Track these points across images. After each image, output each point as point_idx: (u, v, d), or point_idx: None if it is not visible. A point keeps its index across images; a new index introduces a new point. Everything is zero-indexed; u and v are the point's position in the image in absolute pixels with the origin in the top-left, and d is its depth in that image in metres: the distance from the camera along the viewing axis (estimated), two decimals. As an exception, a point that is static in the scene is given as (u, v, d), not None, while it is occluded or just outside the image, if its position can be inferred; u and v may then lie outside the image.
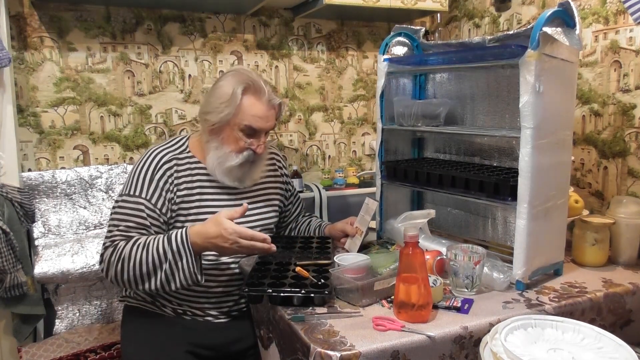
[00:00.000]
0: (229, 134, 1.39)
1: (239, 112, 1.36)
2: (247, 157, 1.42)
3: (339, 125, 2.69)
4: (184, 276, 1.28)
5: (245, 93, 1.37)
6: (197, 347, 1.42)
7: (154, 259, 1.27)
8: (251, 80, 1.38)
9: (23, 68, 2.05)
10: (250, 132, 1.39)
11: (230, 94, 1.36)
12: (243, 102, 1.36)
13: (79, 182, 2.02)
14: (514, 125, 1.49)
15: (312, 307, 1.16)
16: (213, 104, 1.39)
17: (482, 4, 2.34)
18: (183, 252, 1.26)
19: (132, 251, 1.28)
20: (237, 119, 1.37)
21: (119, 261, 1.28)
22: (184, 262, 1.27)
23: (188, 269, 1.27)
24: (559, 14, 1.27)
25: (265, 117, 1.39)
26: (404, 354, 1.00)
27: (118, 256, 1.28)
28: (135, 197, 1.37)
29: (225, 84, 1.39)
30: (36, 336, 1.90)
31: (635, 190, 1.68)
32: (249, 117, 1.37)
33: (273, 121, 1.43)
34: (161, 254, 1.27)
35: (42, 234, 1.93)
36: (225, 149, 1.40)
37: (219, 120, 1.38)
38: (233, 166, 1.41)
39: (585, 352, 0.93)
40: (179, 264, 1.27)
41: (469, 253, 1.25)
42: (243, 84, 1.37)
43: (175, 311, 1.45)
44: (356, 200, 2.37)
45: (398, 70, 1.67)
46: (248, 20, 2.41)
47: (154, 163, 1.41)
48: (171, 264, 1.27)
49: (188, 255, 1.26)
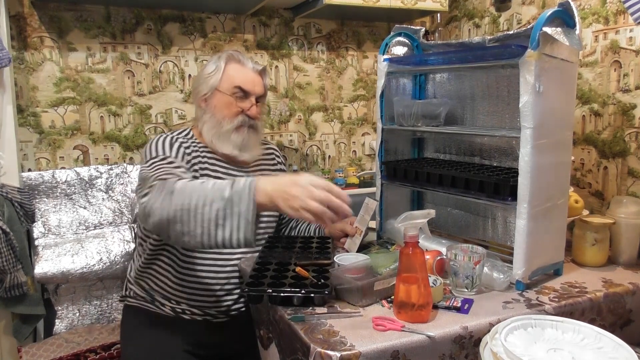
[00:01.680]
0: (220, 100, 1.46)
1: (226, 76, 1.47)
2: (242, 121, 1.47)
3: (339, 125, 2.69)
4: (237, 225, 1.07)
5: (229, 62, 1.49)
6: (196, 347, 1.42)
7: (206, 194, 1.08)
8: (232, 52, 1.51)
9: (23, 68, 2.05)
10: (240, 95, 1.46)
11: (215, 65, 1.48)
12: (228, 68, 1.48)
13: (79, 182, 2.02)
14: (514, 125, 1.49)
15: (312, 307, 1.16)
16: (202, 77, 1.50)
17: (482, 4, 2.34)
18: (245, 194, 1.07)
19: (186, 185, 1.13)
20: (226, 82, 1.46)
21: (167, 193, 1.12)
22: (243, 206, 1.06)
23: (245, 216, 1.06)
24: (559, 14, 1.27)
25: (252, 80, 1.48)
26: (404, 354, 1.00)
27: (168, 189, 1.13)
28: (162, 156, 1.37)
29: (211, 61, 1.52)
30: (36, 336, 1.90)
31: (635, 190, 1.68)
32: (236, 79, 1.46)
33: (262, 87, 1.52)
34: (216, 190, 1.09)
35: (42, 234, 1.93)
36: (219, 115, 1.46)
37: (209, 88, 1.47)
38: (229, 130, 1.45)
39: (585, 352, 0.93)
40: (235, 208, 1.06)
41: (469, 253, 1.25)
42: (225, 55, 1.50)
43: (174, 310, 1.45)
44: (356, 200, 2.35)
45: (398, 70, 1.67)
46: (248, 20, 2.41)
47: (167, 139, 1.44)
48: (227, 203, 1.07)
49: (250, 200, 1.07)
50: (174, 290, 1.44)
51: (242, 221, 1.07)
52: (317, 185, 1.08)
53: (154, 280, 1.46)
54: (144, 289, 1.48)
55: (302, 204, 1.06)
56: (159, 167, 1.30)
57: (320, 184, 1.09)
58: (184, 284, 1.44)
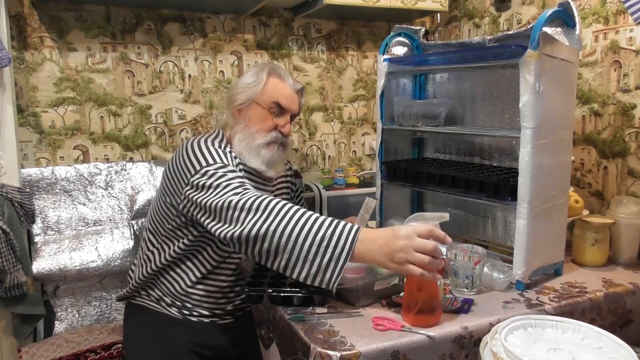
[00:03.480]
0: (256, 113, 1.42)
1: (266, 90, 1.43)
2: (275, 138, 1.43)
3: (339, 125, 2.69)
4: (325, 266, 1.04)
5: (271, 75, 1.45)
6: (201, 348, 1.42)
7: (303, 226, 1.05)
8: (275, 66, 1.48)
9: (23, 68, 2.05)
10: (277, 111, 1.43)
11: (256, 77, 1.44)
12: (269, 81, 1.44)
13: (79, 179, 2.02)
14: (514, 125, 1.49)
15: (312, 307, 1.16)
16: (240, 86, 1.45)
17: (482, 4, 2.34)
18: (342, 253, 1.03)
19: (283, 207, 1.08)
20: (265, 96, 1.43)
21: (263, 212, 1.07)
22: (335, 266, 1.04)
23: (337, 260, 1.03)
24: (559, 14, 1.27)
25: (291, 98, 1.46)
26: (403, 353, 1.00)
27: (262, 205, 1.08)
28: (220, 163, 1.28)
29: (250, 72, 1.48)
30: (36, 336, 1.90)
31: (635, 190, 1.68)
32: (276, 94, 1.43)
33: (297, 105, 1.49)
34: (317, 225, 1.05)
35: (41, 230, 1.92)
36: (252, 128, 1.41)
37: (247, 99, 1.43)
38: (261, 145, 1.41)
39: (585, 352, 0.93)
40: (331, 264, 1.03)
41: (469, 253, 1.25)
42: (267, 68, 1.46)
43: (181, 312, 1.44)
44: (356, 200, 2.37)
45: (398, 70, 1.67)
46: (248, 20, 2.41)
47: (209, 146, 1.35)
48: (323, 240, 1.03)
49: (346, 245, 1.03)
50: (186, 293, 1.43)
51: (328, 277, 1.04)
52: (420, 233, 1.02)
53: (165, 284, 1.44)
54: (151, 291, 1.47)
55: (408, 257, 1.00)
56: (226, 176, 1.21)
57: (422, 232, 1.02)
58: (199, 287, 1.42)
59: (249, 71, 1.48)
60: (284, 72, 1.48)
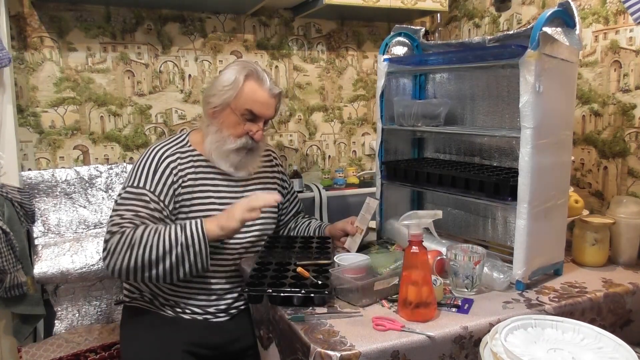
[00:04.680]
0: (229, 117, 1.43)
1: (241, 96, 1.42)
2: (245, 144, 1.45)
3: (339, 125, 2.69)
4: (194, 262, 1.31)
5: (248, 79, 1.43)
6: (196, 347, 1.42)
7: (164, 244, 1.27)
8: (254, 68, 1.45)
9: (23, 68, 2.05)
10: (250, 117, 1.44)
11: (233, 79, 1.42)
12: (245, 86, 1.42)
13: (79, 182, 2.02)
14: (514, 125, 1.49)
15: (312, 307, 1.16)
16: (216, 87, 1.44)
17: (482, 4, 2.34)
18: (196, 238, 1.29)
19: (144, 236, 1.28)
20: (239, 102, 1.42)
21: (128, 247, 1.27)
22: (196, 247, 1.29)
23: (200, 254, 1.30)
24: (559, 14, 1.27)
25: (267, 104, 1.45)
26: (403, 354, 1.00)
27: (126, 241, 1.27)
28: (140, 188, 1.38)
29: (229, 71, 1.45)
30: (36, 336, 1.90)
31: (635, 190, 1.68)
32: (250, 102, 1.42)
33: (273, 110, 1.49)
34: (173, 239, 1.28)
35: (42, 233, 1.93)
36: (224, 133, 1.44)
37: (221, 103, 1.43)
38: (230, 150, 1.44)
39: (585, 352, 0.93)
40: (190, 249, 1.29)
41: (469, 253, 1.25)
42: (246, 71, 1.44)
43: (174, 310, 1.45)
44: (356, 200, 2.37)
45: (398, 70, 1.67)
46: (248, 20, 2.41)
47: (157, 157, 1.43)
48: (182, 248, 1.28)
49: (201, 241, 1.30)
50: (175, 290, 1.44)
51: (198, 258, 1.30)
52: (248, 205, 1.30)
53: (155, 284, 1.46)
54: (144, 292, 1.48)
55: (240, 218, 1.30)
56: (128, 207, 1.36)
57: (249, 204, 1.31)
58: (185, 283, 1.44)
59: (228, 69, 1.46)
60: (263, 74, 1.45)
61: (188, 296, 1.45)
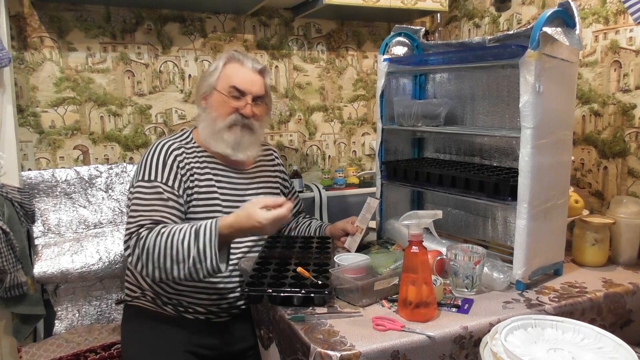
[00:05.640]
0: (216, 99, 1.48)
1: (223, 76, 1.48)
2: (235, 120, 1.47)
3: (339, 125, 2.69)
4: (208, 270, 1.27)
5: (229, 61, 1.51)
6: (197, 347, 1.42)
7: (177, 253, 1.25)
8: (234, 53, 1.53)
9: (23, 68, 2.05)
10: (236, 94, 1.47)
11: (215, 65, 1.51)
12: (226, 67, 1.50)
13: (79, 181, 2.02)
14: (514, 125, 1.49)
15: (312, 307, 1.16)
16: (203, 77, 1.54)
17: (482, 4, 2.34)
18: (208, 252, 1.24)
19: (157, 242, 1.26)
20: (223, 81, 1.48)
21: (142, 252, 1.27)
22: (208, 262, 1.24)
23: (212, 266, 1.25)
24: (559, 14, 1.27)
25: (250, 80, 1.48)
26: (404, 354, 1.00)
27: (142, 247, 1.27)
28: (152, 181, 1.39)
29: (213, 62, 1.56)
30: (36, 336, 1.90)
31: (635, 190, 1.68)
32: (233, 78, 1.47)
33: (260, 87, 1.51)
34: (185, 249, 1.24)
35: (42, 233, 1.92)
36: (214, 114, 1.47)
37: (208, 87, 1.49)
38: (221, 128, 1.46)
39: (585, 352, 0.93)
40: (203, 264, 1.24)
41: (469, 253, 1.25)
42: (226, 56, 1.52)
43: (176, 309, 1.45)
44: (356, 200, 2.37)
45: (398, 70, 1.67)
46: (248, 20, 2.41)
47: (164, 150, 1.45)
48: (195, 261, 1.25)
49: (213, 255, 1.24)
50: (178, 292, 1.44)
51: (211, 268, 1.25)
52: None
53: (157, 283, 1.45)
54: (146, 292, 1.48)
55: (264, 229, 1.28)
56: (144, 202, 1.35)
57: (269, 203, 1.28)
58: (190, 285, 1.43)
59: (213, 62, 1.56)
60: (244, 56, 1.52)
61: (191, 295, 1.44)
